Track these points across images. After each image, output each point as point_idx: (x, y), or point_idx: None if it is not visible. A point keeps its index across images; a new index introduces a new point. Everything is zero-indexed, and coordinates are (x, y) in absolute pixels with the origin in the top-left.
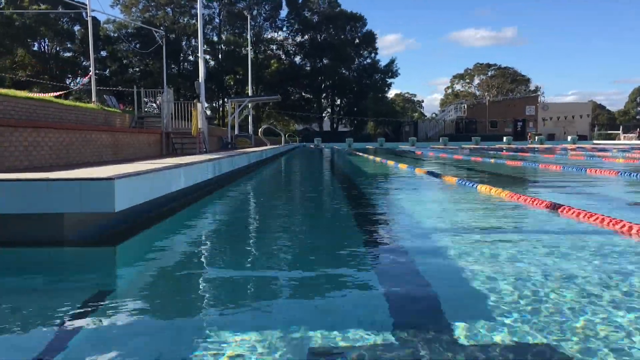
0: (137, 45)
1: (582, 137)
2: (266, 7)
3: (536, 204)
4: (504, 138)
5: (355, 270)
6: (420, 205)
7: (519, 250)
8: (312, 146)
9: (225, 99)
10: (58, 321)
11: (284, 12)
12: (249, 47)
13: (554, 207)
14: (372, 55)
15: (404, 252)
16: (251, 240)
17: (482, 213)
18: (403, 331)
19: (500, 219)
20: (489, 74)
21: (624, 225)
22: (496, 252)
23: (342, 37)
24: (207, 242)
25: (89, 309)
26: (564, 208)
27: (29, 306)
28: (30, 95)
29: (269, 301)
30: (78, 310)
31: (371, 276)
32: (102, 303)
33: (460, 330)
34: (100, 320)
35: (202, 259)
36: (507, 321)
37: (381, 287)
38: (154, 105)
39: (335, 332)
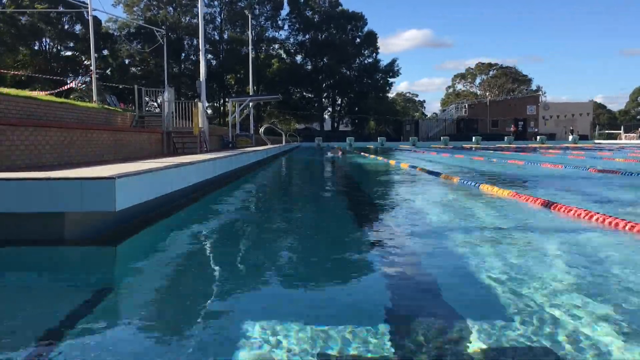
0: (139, 45)
1: (582, 137)
2: (267, 6)
3: None
4: (505, 138)
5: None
6: None
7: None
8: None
9: (227, 98)
10: (58, 321)
11: (285, 11)
12: (250, 47)
13: None
14: (374, 54)
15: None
16: (253, 239)
17: None
18: (408, 331)
19: None
20: (491, 73)
21: None
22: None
23: (343, 36)
24: (209, 240)
25: (90, 309)
26: None
27: (29, 305)
28: (32, 94)
29: (272, 301)
30: (78, 310)
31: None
32: (102, 303)
33: (462, 328)
34: (101, 320)
35: (204, 258)
36: (509, 319)
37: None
38: (155, 104)
39: (341, 333)
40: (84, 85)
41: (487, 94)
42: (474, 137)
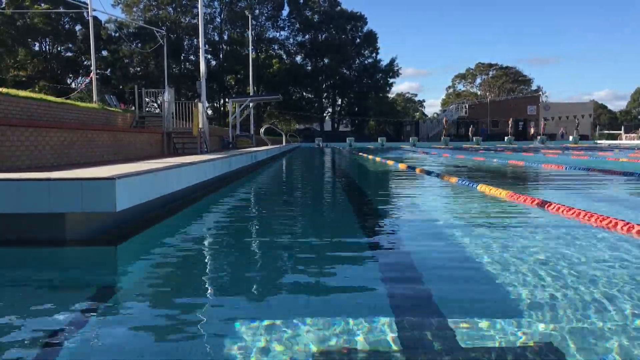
0: (139, 45)
1: (583, 137)
2: (267, 6)
3: None
4: (505, 138)
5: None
6: None
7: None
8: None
9: (227, 99)
10: (59, 321)
11: (285, 11)
12: (250, 47)
13: None
14: (374, 55)
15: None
16: (253, 239)
17: None
18: (405, 329)
19: None
20: (491, 73)
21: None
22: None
23: (343, 36)
24: (209, 240)
25: (90, 309)
26: None
27: (30, 306)
28: (32, 95)
29: (272, 300)
30: (79, 311)
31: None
32: (103, 303)
33: (460, 326)
34: (101, 321)
35: (205, 258)
36: (504, 316)
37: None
38: (155, 104)
39: (339, 332)
40: (83, 86)
41: (488, 94)
42: (474, 138)
